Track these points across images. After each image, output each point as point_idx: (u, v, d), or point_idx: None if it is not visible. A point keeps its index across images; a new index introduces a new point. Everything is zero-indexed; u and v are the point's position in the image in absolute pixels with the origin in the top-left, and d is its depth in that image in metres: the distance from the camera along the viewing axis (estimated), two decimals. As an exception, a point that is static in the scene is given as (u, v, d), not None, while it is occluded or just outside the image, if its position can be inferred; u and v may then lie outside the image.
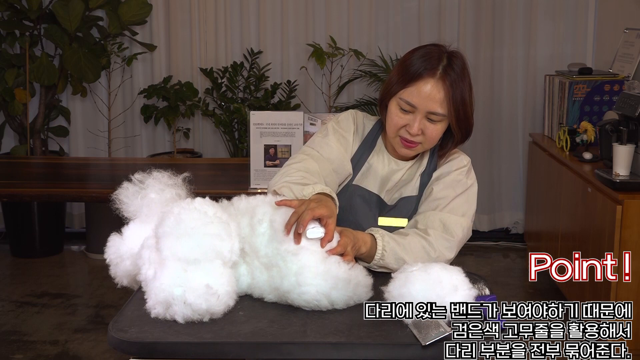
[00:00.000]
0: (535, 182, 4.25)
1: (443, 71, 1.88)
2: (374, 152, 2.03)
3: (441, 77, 1.88)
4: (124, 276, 1.82)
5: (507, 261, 4.54)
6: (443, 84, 1.87)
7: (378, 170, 2.01)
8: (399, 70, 1.92)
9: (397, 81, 1.91)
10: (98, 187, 3.18)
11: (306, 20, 4.73)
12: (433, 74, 1.87)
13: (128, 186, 1.85)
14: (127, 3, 4.46)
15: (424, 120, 1.89)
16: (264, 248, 1.67)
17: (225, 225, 1.63)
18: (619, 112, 3.14)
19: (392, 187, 1.99)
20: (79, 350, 3.36)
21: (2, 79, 4.42)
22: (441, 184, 1.96)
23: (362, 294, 1.66)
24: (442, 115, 1.89)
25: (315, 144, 1.99)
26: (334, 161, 1.95)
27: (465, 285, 1.57)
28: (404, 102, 1.89)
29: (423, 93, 1.87)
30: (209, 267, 1.59)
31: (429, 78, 1.87)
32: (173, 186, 1.85)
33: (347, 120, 2.05)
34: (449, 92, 1.87)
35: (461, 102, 1.90)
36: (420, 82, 1.87)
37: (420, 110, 1.88)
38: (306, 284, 1.61)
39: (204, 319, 1.56)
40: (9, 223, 4.59)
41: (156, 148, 4.91)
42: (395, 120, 1.91)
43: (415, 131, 1.89)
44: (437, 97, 1.87)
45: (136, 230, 1.80)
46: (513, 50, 4.70)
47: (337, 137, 2.00)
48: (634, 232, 2.94)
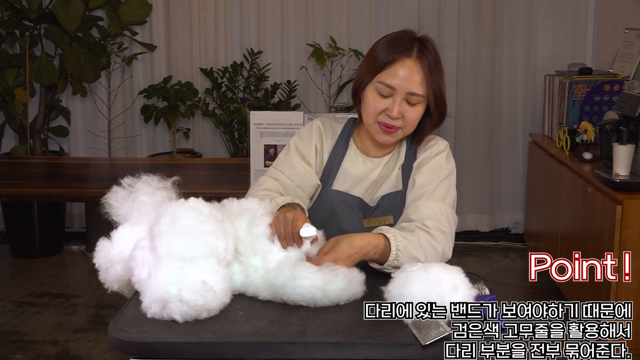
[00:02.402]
0: (535, 182, 4.25)
1: (419, 52, 1.88)
2: (347, 155, 2.01)
3: (418, 57, 1.88)
4: (114, 281, 1.81)
5: (507, 261, 4.54)
6: (420, 64, 1.87)
7: (354, 172, 1.99)
8: (369, 60, 1.92)
9: (371, 70, 1.90)
10: (98, 187, 3.17)
11: (306, 20, 4.73)
12: (409, 54, 1.87)
13: (117, 190, 1.85)
14: (127, 3, 4.46)
15: (404, 103, 1.88)
16: (261, 246, 1.70)
17: (220, 223, 1.65)
18: (619, 112, 3.14)
19: (371, 186, 1.98)
20: (79, 350, 3.36)
21: (2, 79, 4.42)
22: (423, 172, 1.94)
23: (355, 288, 1.68)
24: (421, 97, 1.88)
25: (279, 163, 2.02)
26: (298, 177, 1.97)
27: (465, 285, 1.58)
28: (382, 85, 1.88)
29: (401, 74, 1.86)
30: (205, 265, 1.60)
31: (405, 59, 1.87)
32: (163, 189, 1.85)
33: (309, 131, 2.05)
34: (427, 72, 1.87)
35: (438, 83, 1.90)
36: (397, 64, 1.87)
37: (400, 92, 1.87)
38: (302, 277, 1.63)
39: (200, 315, 1.56)
40: (9, 223, 4.59)
41: (156, 148, 4.91)
42: (374, 105, 1.89)
43: (395, 114, 1.87)
44: (415, 77, 1.87)
45: (126, 234, 1.79)
46: (513, 50, 4.70)
47: (299, 152, 2.01)
48: (634, 232, 2.94)
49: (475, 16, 4.68)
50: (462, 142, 4.80)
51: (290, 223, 1.71)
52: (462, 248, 4.66)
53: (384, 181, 1.98)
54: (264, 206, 1.77)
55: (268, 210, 1.76)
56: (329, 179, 1.99)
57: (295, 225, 1.70)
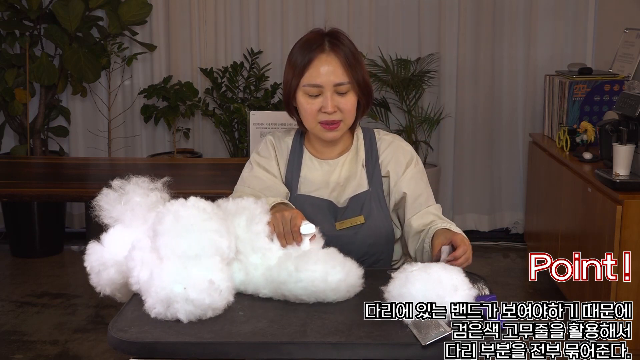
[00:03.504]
0: (535, 182, 4.25)
1: (330, 44, 1.93)
2: (303, 163, 2.04)
3: (331, 49, 1.93)
4: (107, 285, 1.80)
5: (507, 261, 4.54)
6: (336, 55, 1.92)
7: (313, 177, 2.02)
8: (288, 68, 1.97)
9: (293, 76, 1.95)
10: (98, 187, 3.16)
11: (306, 20, 4.73)
12: (322, 49, 1.93)
13: (108, 192, 1.84)
14: (127, 3, 4.46)
15: (335, 96, 1.92)
16: (260, 244, 1.71)
17: (223, 222, 1.65)
18: (619, 112, 3.14)
19: (336, 188, 2.01)
20: (79, 350, 3.36)
21: (2, 79, 4.42)
22: (409, 182, 2.00)
23: (354, 279, 1.69)
24: (347, 84, 1.92)
25: (245, 180, 2.04)
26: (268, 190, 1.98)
27: (465, 285, 1.58)
28: (309, 86, 1.93)
29: (322, 70, 1.91)
30: (209, 263, 1.59)
31: (320, 54, 1.92)
32: (155, 190, 1.84)
33: (266, 148, 2.09)
34: (343, 59, 1.92)
35: (357, 66, 1.94)
36: (315, 62, 1.92)
37: (327, 87, 1.92)
38: (304, 269, 1.63)
39: (205, 315, 1.56)
40: (9, 223, 4.59)
41: (156, 148, 4.91)
42: (309, 107, 1.94)
43: (331, 108, 1.91)
44: (335, 69, 1.92)
45: (119, 236, 1.79)
46: (513, 50, 4.70)
47: (261, 167, 2.04)
48: (634, 232, 2.94)
49: (475, 16, 4.68)
50: (462, 142, 4.80)
51: (289, 221, 1.72)
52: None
53: (347, 183, 2.01)
54: (261, 205, 1.77)
55: (265, 208, 1.78)
56: (292, 188, 2.02)
57: (295, 224, 1.71)
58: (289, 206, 1.88)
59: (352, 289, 1.69)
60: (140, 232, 1.71)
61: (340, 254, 1.72)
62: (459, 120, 4.77)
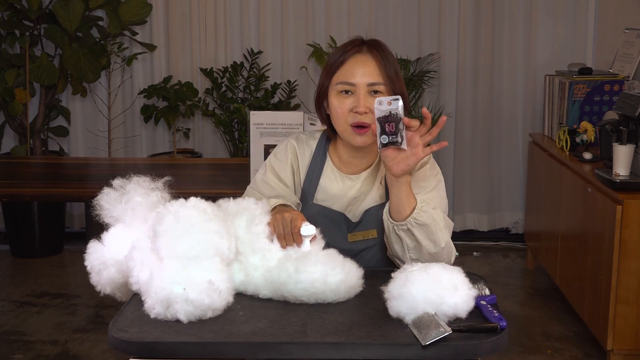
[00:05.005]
0: (535, 182, 4.25)
1: (367, 45, 1.93)
2: (324, 173, 2.00)
3: (368, 50, 1.92)
4: (107, 284, 1.80)
5: (507, 261, 4.54)
6: (371, 54, 1.91)
7: (331, 190, 1.98)
8: (325, 69, 1.95)
9: (326, 76, 1.94)
10: (98, 187, 3.16)
11: (306, 20, 4.73)
12: (359, 49, 1.92)
13: (109, 192, 1.84)
14: (127, 3, 4.46)
15: (368, 96, 1.89)
16: (261, 244, 1.71)
17: (223, 223, 1.65)
18: (619, 112, 3.14)
19: (352, 202, 1.97)
20: (79, 350, 3.36)
21: (2, 79, 4.42)
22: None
23: (354, 280, 1.69)
24: (381, 84, 1.90)
25: (257, 184, 2.03)
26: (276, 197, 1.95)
27: (465, 285, 1.58)
28: (342, 84, 1.90)
29: (357, 68, 1.90)
30: (209, 264, 1.59)
31: (356, 54, 1.91)
32: (156, 190, 1.84)
33: (284, 151, 2.05)
34: (380, 61, 1.91)
35: (393, 69, 1.92)
36: (350, 61, 1.91)
37: (361, 85, 1.89)
38: (304, 270, 1.63)
39: (205, 315, 1.56)
40: (9, 223, 4.59)
41: (156, 148, 4.91)
42: (341, 106, 1.90)
43: (362, 108, 1.87)
44: (370, 68, 1.90)
45: (119, 236, 1.78)
46: (513, 50, 4.70)
47: (275, 173, 2.02)
48: (634, 232, 2.94)
49: (475, 16, 4.68)
50: (462, 142, 4.80)
51: (289, 223, 1.72)
52: (462, 248, 4.66)
53: (364, 198, 1.97)
54: (262, 205, 1.77)
55: (266, 209, 1.78)
56: (309, 196, 1.99)
57: (295, 225, 1.71)
58: (290, 207, 1.87)
59: (352, 289, 1.69)
60: (141, 232, 1.71)
61: (340, 255, 1.72)
62: (459, 120, 4.77)
